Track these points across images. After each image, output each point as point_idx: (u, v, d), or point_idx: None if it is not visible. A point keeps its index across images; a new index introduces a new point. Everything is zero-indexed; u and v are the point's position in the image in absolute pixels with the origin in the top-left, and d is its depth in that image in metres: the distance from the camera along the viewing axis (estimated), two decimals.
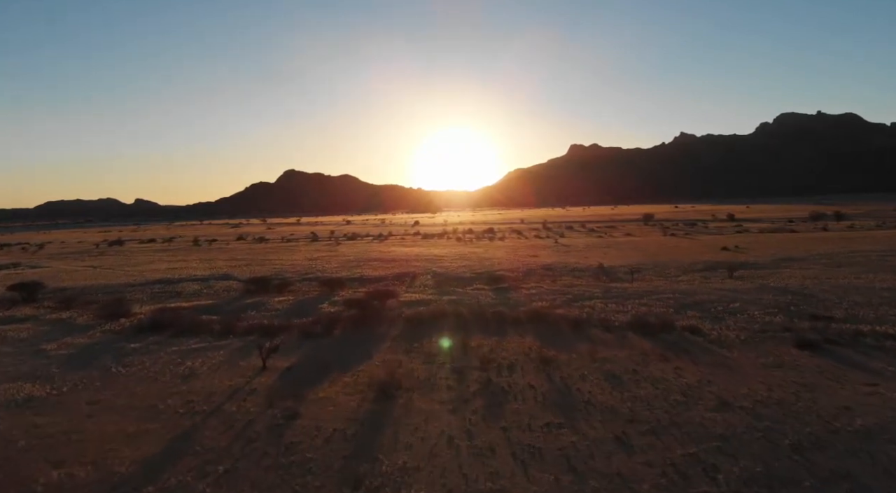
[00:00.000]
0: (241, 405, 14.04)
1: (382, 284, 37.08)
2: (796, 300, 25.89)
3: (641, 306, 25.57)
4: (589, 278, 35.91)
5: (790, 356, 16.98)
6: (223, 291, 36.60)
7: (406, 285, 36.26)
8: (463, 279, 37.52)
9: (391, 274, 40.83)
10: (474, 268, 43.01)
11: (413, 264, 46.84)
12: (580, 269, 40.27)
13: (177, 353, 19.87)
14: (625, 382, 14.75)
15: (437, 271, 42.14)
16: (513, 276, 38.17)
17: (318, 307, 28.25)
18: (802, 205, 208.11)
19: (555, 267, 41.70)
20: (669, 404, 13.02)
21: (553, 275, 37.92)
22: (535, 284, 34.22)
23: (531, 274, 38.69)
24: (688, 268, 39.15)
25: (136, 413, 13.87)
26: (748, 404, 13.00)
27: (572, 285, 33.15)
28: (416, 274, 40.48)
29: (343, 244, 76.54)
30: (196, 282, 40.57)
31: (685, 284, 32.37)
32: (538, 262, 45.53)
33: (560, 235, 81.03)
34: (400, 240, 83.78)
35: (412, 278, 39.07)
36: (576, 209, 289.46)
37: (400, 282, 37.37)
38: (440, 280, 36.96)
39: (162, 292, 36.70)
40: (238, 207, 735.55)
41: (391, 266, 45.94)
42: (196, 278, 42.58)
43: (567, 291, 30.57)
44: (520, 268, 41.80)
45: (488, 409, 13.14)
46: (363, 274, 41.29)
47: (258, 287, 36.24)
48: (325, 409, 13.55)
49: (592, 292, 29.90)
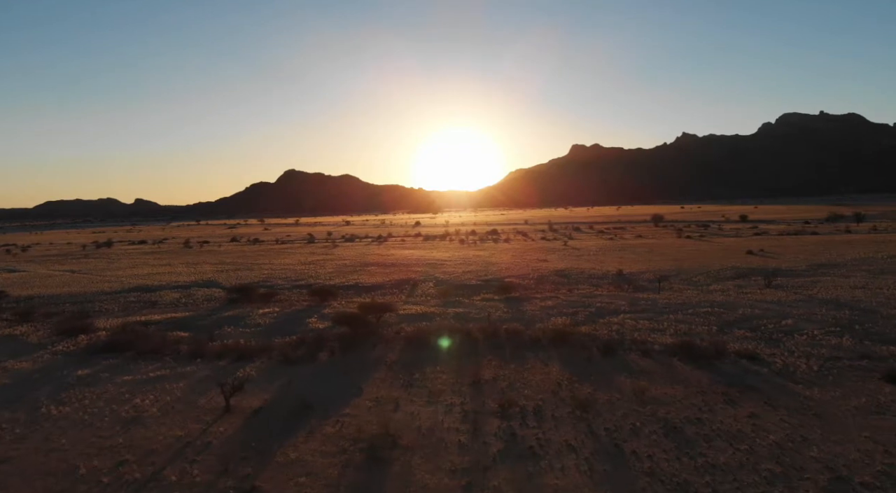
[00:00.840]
0: (185, 471, 10.55)
1: (380, 292, 33.62)
2: (856, 317, 22.38)
3: (679, 323, 22.07)
4: (609, 287, 32.41)
5: (886, 397, 13.51)
6: (203, 300, 33.13)
7: (406, 293, 32.78)
8: (469, 287, 34.04)
9: (390, 281, 37.36)
10: (480, 274, 39.54)
11: (414, 270, 43.39)
12: (598, 275, 36.77)
13: (128, 384, 16.40)
14: (691, 439, 11.25)
15: (440, 277, 38.68)
16: (524, 283, 34.69)
17: (305, 322, 24.77)
18: (810, 205, 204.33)
19: (569, 273, 38.21)
20: (764, 480, 9.53)
21: (569, 283, 34.42)
22: (551, 293, 30.71)
23: (544, 281, 35.19)
24: (717, 275, 35.64)
25: (45, 482, 10.42)
26: (869, 478, 9.53)
27: (592, 295, 29.64)
28: (417, 281, 37.02)
29: (340, 247, 73.02)
30: (176, 290, 37.11)
31: (720, 294, 28.85)
32: (549, 267, 42.05)
33: (568, 236, 77.39)
34: (400, 242, 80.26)
35: (413, 285, 35.61)
36: (580, 210, 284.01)
37: (399, 290, 33.89)
38: (444, 288, 33.53)
39: (137, 302, 33.23)
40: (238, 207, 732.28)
41: (390, 272, 42.49)
42: (177, 285, 39.14)
43: (588, 302, 27.07)
44: (530, 274, 38.31)
45: (517, 487, 9.64)
46: (359, 281, 37.82)
47: (242, 296, 32.75)
48: (295, 479, 10.08)
49: (617, 304, 26.40)
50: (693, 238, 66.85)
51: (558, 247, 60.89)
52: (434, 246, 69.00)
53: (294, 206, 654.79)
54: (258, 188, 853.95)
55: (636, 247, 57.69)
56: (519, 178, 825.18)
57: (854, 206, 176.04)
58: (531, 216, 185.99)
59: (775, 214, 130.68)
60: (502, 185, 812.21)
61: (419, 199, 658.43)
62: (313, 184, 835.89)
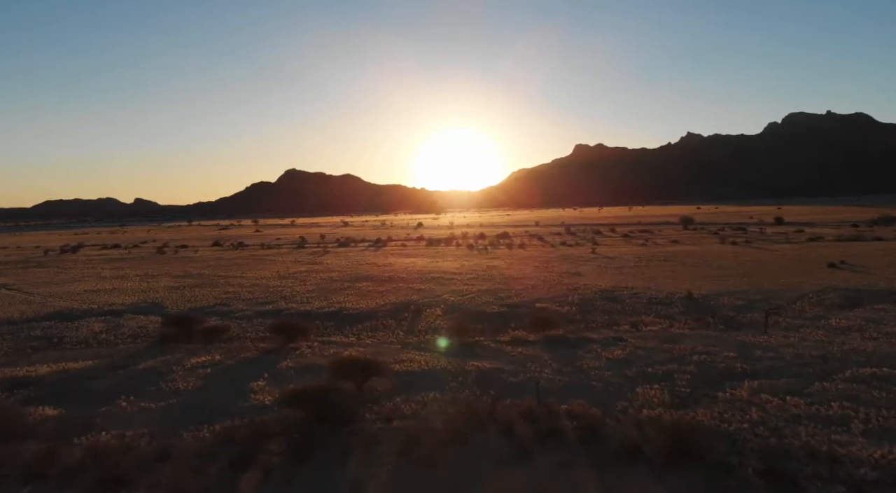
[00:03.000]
0: None
1: (369, 325, 24.72)
2: None
3: (854, 401, 13.11)
4: (688, 320, 23.46)
5: None
6: (128, 337, 24.31)
7: (405, 328, 23.91)
8: (490, 317, 25.16)
9: (384, 306, 28.47)
10: (502, 294, 30.66)
11: (416, 287, 34.54)
12: (660, 299, 27.81)
13: None
14: None
15: (449, 299, 29.79)
16: (564, 311, 25.77)
17: (248, 389, 15.90)
18: (833, 206, 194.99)
19: (619, 295, 29.28)
20: None
21: (625, 311, 25.48)
22: (609, 331, 21.86)
23: (590, 308, 26.27)
24: (820, 300, 26.71)
25: None
26: None
27: (672, 336, 20.68)
28: (419, 305, 28.10)
29: (331, 253, 64.09)
30: (105, 317, 28.29)
31: (859, 335, 19.93)
32: (588, 285, 33.13)
33: (593, 242, 68.02)
34: (400, 247, 71.23)
35: (414, 312, 26.71)
36: (590, 210, 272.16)
37: (396, 322, 25.02)
38: (456, 319, 24.72)
39: (40, 338, 24.45)
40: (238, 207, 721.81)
41: (386, 290, 33.63)
42: (110, 310, 30.33)
43: (676, 352, 18.15)
44: (567, 296, 29.39)
45: None
46: (344, 306, 28.94)
47: (179, 332, 23.90)
48: None
49: (723, 355, 17.49)
50: (739, 244, 57.68)
51: (586, 255, 51.79)
52: (439, 253, 60.08)
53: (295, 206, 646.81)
54: (259, 188, 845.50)
55: (680, 256, 48.65)
56: (521, 178, 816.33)
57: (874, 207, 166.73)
58: (540, 217, 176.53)
59: (804, 215, 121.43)
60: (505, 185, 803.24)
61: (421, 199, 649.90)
62: (314, 184, 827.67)
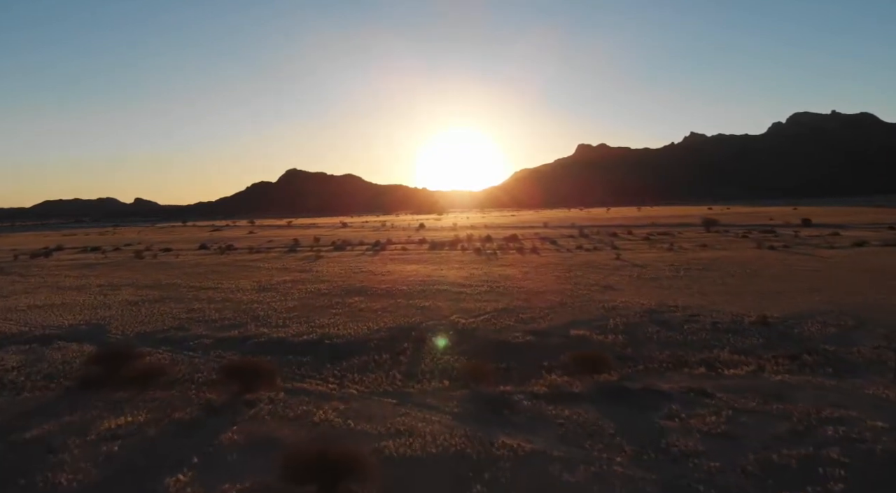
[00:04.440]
0: None
1: (357, 363, 19.02)
2: None
3: None
4: (777, 357, 17.69)
5: None
6: (43, 378, 18.64)
7: (402, 368, 18.21)
8: (516, 351, 19.50)
9: (378, 331, 22.75)
10: (525, 315, 24.93)
11: (418, 303, 28.83)
12: (727, 326, 22.01)
13: None
14: None
15: (460, 322, 24.09)
16: (610, 341, 20.09)
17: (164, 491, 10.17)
18: (851, 207, 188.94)
19: (670, 318, 23.53)
20: None
21: (688, 342, 19.74)
22: (683, 376, 16.18)
23: (641, 337, 20.54)
24: None
25: None
26: None
27: (774, 387, 14.90)
28: (423, 332, 22.39)
29: (324, 258, 58.31)
30: (28, 346, 22.64)
31: None
32: (627, 302, 27.36)
33: (612, 246, 61.85)
34: (401, 251, 65.42)
35: (416, 342, 21.00)
36: (598, 211, 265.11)
37: (391, 357, 19.31)
38: (469, 352, 19.04)
39: None
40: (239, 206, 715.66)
41: (381, 308, 27.92)
42: (41, 334, 24.69)
43: (793, 416, 12.44)
44: (607, 318, 23.64)
45: None
46: (328, 331, 23.23)
47: (107, 373, 18.28)
48: None
49: (867, 424, 11.78)
50: (778, 250, 51.75)
51: (611, 262, 45.88)
52: (443, 258, 54.33)
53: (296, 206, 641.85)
54: (259, 188, 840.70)
55: (719, 264, 42.76)
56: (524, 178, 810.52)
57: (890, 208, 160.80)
58: (547, 218, 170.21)
59: (824, 216, 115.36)
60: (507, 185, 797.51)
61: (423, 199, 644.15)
62: (315, 183, 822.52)
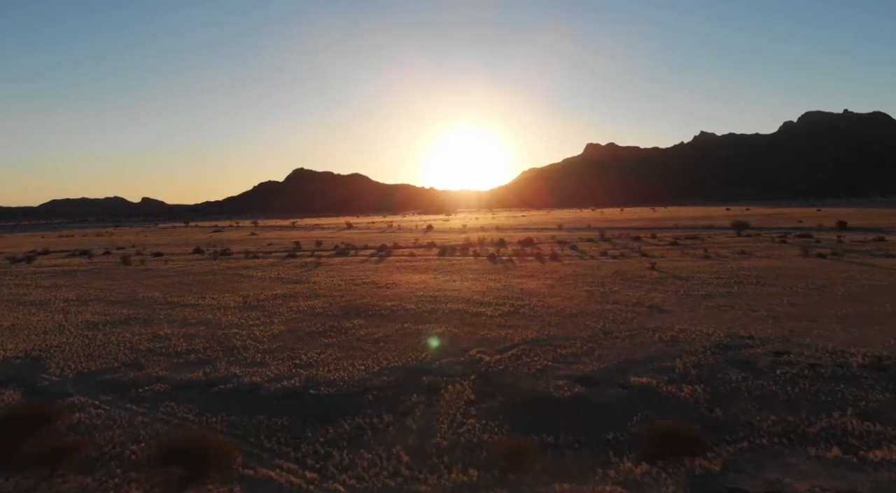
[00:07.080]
0: None
1: (348, 426, 13.98)
2: None
3: None
4: None
5: None
6: None
7: (411, 444, 13.20)
8: (562, 411, 14.45)
9: (378, 375, 17.75)
10: (563, 350, 19.85)
11: (428, 329, 23.81)
12: (832, 371, 16.81)
13: None
14: None
15: (483, 360, 19.05)
16: (685, 396, 15.00)
17: None
18: (873, 208, 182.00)
19: (751, 356, 18.35)
20: None
21: (791, 398, 14.62)
22: (807, 460, 11.01)
23: (726, 389, 15.45)
24: None
25: None
26: None
27: None
28: (436, 378, 17.36)
29: (325, 266, 53.37)
30: None
31: None
32: (687, 331, 22.18)
33: (640, 252, 56.25)
34: (408, 257, 60.35)
35: (428, 395, 16.00)
36: (611, 211, 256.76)
37: (396, 417, 14.31)
38: (498, 410, 14.05)
39: None
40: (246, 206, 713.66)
41: (384, 336, 22.92)
42: None
43: None
44: (671, 357, 18.52)
45: None
46: (313, 375, 18.24)
47: (7, 447, 13.46)
48: None
49: None
50: (828, 258, 46.26)
51: (647, 273, 40.48)
52: (455, 266, 49.28)
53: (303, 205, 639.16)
54: (266, 187, 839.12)
55: (773, 276, 37.33)
56: (532, 177, 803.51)
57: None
58: (559, 219, 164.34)
59: (855, 218, 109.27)
60: (515, 184, 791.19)
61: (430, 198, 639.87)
62: (322, 183, 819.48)
